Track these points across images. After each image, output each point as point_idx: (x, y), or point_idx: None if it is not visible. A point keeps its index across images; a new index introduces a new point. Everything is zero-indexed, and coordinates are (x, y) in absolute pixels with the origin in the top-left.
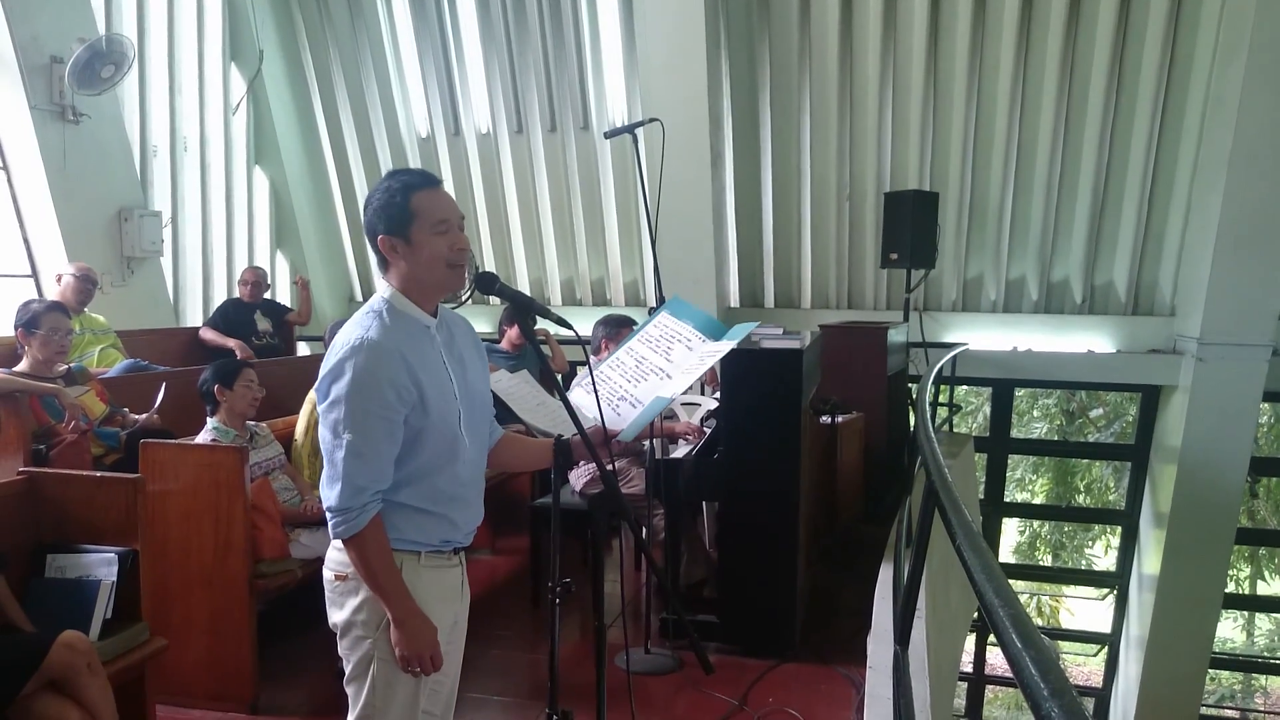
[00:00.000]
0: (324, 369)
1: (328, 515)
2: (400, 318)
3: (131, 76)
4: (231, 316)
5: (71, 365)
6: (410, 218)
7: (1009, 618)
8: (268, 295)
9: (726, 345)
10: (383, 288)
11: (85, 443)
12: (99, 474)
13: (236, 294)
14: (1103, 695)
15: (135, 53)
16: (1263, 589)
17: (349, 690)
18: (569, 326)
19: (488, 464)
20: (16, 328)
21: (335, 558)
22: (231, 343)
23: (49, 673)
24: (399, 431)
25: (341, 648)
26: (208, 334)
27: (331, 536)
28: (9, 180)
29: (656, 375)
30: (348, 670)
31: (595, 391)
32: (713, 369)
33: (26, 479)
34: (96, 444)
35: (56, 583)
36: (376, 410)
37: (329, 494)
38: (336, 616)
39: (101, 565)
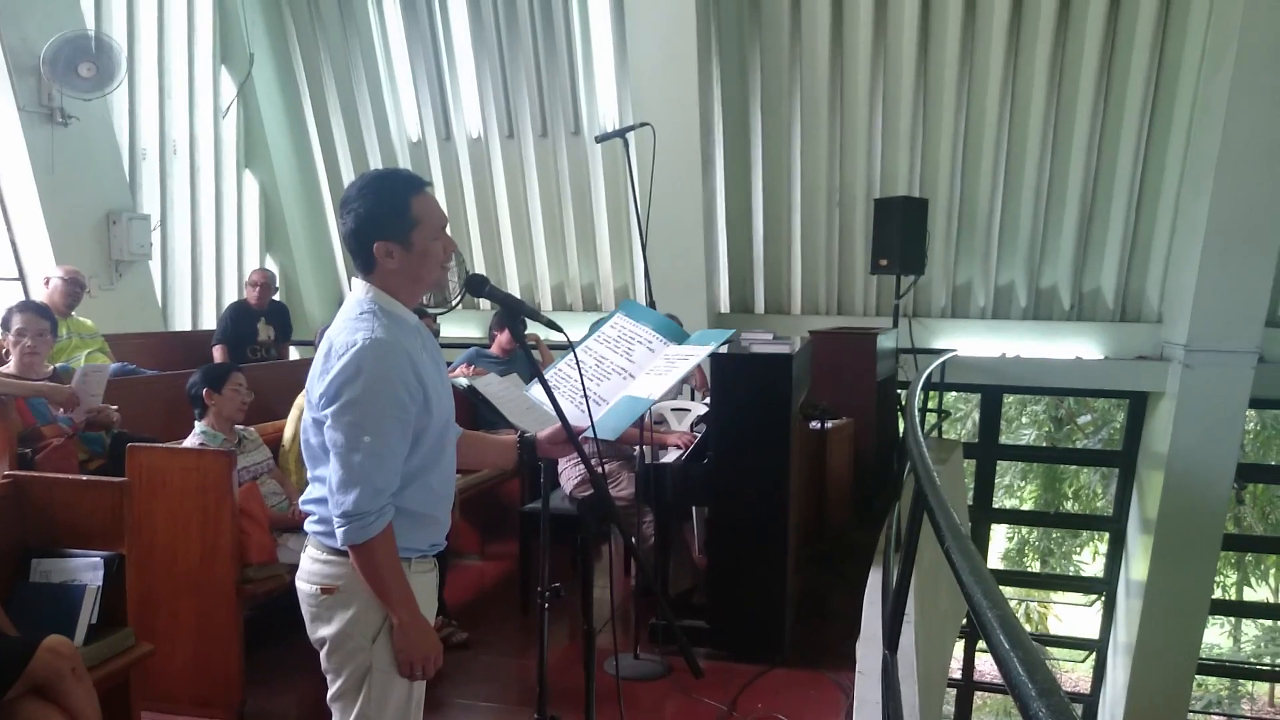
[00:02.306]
0: (327, 371)
1: (339, 521)
2: (391, 317)
3: None
4: (238, 324)
5: (57, 367)
6: (413, 224)
7: (997, 619)
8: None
9: (698, 350)
10: (363, 288)
11: (72, 446)
12: (85, 478)
13: (242, 295)
14: (1091, 701)
15: (125, 57)
16: (1249, 595)
17: (336, 706)
18: (560, 330)
19: None
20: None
21: (319, 570)
22: None
23: (33, 678)
24: (410, 432)
25: (330, 663)
26: (224, 355)
27: (342, 543)
28: None
29: (619, 375)
30: (337, 685)
31: (550, 393)
32: (702, 374)
33: (12, 482)
34: (81, 449)
35: (41, 587)
36: (392, 411)
37: (344, 499)
38: (324, 631)
39: (87, 570)
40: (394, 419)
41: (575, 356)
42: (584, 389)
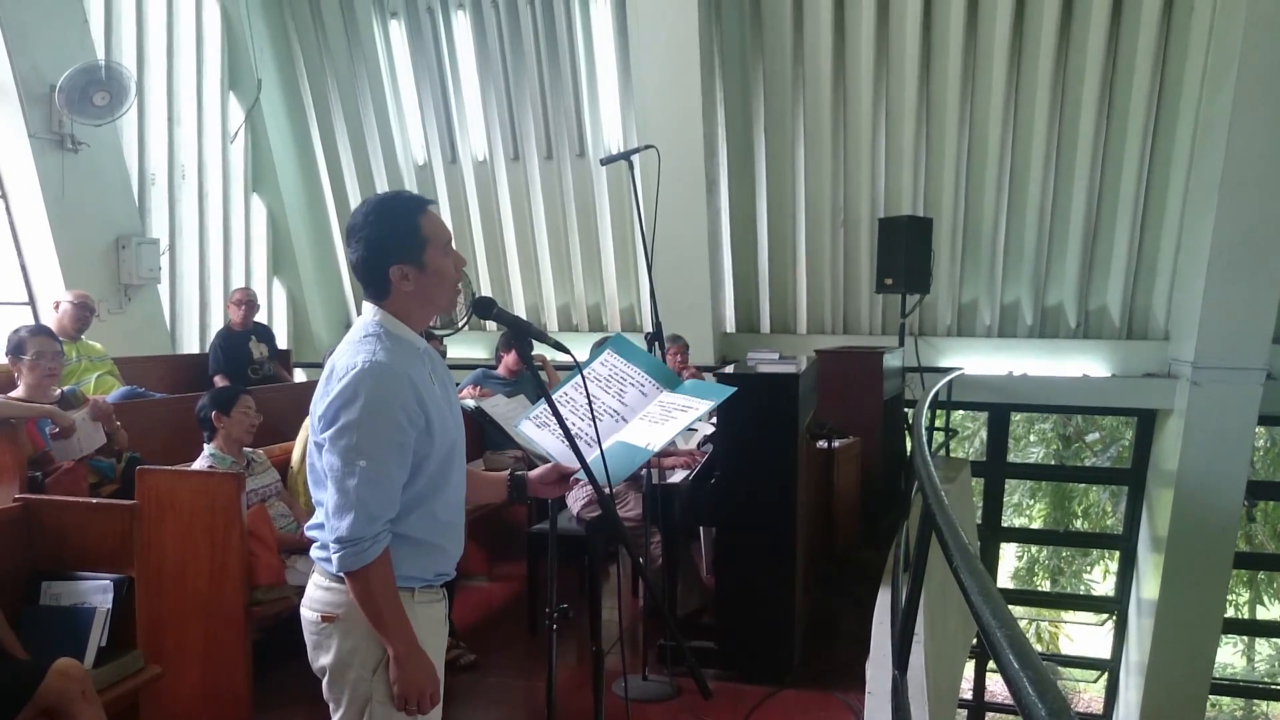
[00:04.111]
0: (328, 394)
1: (334, 547)
2: (397, 341)
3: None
4: (230, 350)
5: (65, 389)
6: (424, 243)
7: (1006, 639)
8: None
9: (697, 403)
10: (371, 311)
11: (82, 470)
12: (95, 500)
13: (227, 318)
14: None
15: (135, 84)
16: (1262, 614)
17: None
18: (567, 351)
19: None
20: (7, 355)
21: (321, 597)
22: None
23: (43, 701)
24: (409, 457)
25: (331, 692)
26: (223, 383)
27: (337, 569)
28: (7, 208)
29: (610, 417)
30: (337, 715)
31: (562, 422)
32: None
33: (22, 506)
34: (91, 474)
35: (51, 610)
36: (390, 435)
37: (339, 524)
38: (324, 659)
39: (97, 592)
40: (392, 443)
41: (585, 383)
42: (566, 430)
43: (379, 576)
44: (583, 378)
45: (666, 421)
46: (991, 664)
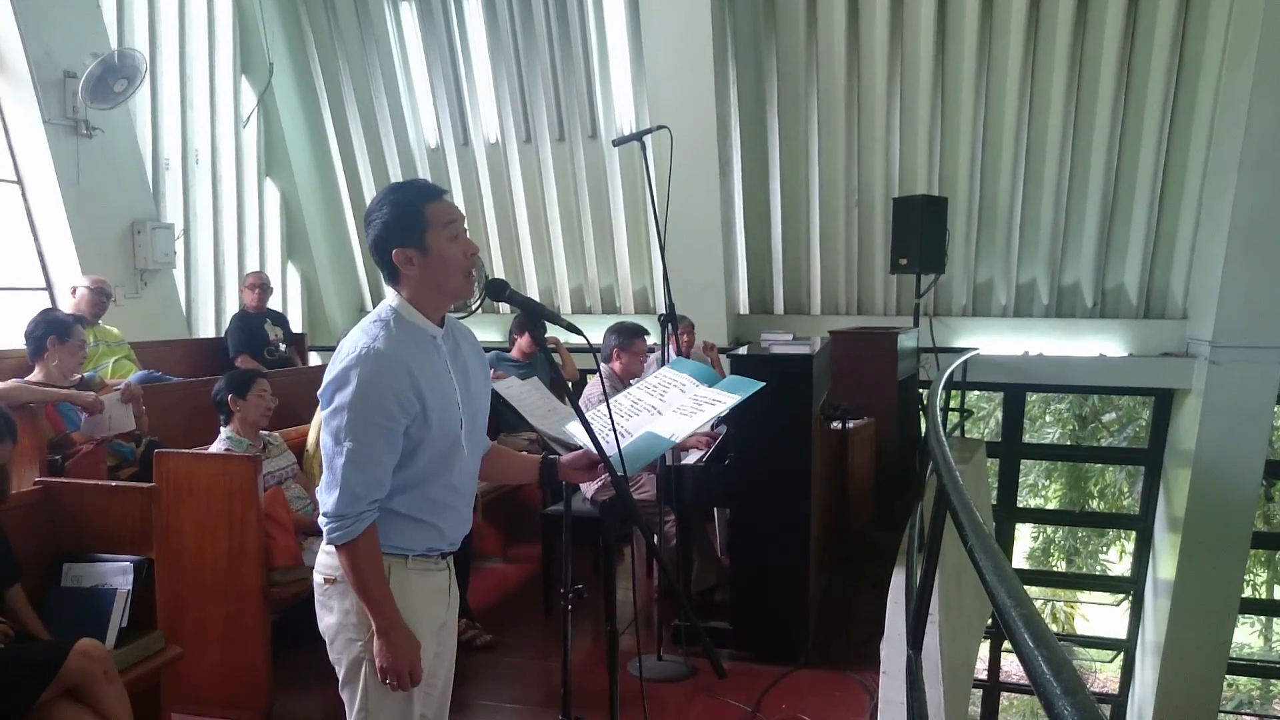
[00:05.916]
0: (328, 375)
1: (323, 520)
2: (407, 327)
3: (143, 90)
4: (249, 331)
5: (84, 375)
6: (425, 226)
7: (1021, 618)
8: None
9: (728, 396)
10: (391, 296)
11: (101, 453)
12: (114, 484)
13: (242, 302)
14: (1119, 702)
15: (147, 66)
16: (1279, 594)
17: (344, 695)
18: (580, 333)
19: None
20: (45, 336)
21: (325, 561)
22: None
23: (66, 681)
24: (399, 442)
25: (333, 652)
26: (249, 363)
27: (326, 541)
28: (23, 194)
29: (648, 412)
30: (341, 675)
31: (586, 424)
32: (723, 373)
33: (43, 489)
34: (111, 456)
35: (72, 592)
36: (378, 420)
37: (326, 499)
38: (327, 620)
39: (117, 574)
40: (379, 428)
41: (608, 400)
42: (588, 427)
43: (364, 552)
44: (606, 403)
45: (695, 414)
46: (1007, 644)
